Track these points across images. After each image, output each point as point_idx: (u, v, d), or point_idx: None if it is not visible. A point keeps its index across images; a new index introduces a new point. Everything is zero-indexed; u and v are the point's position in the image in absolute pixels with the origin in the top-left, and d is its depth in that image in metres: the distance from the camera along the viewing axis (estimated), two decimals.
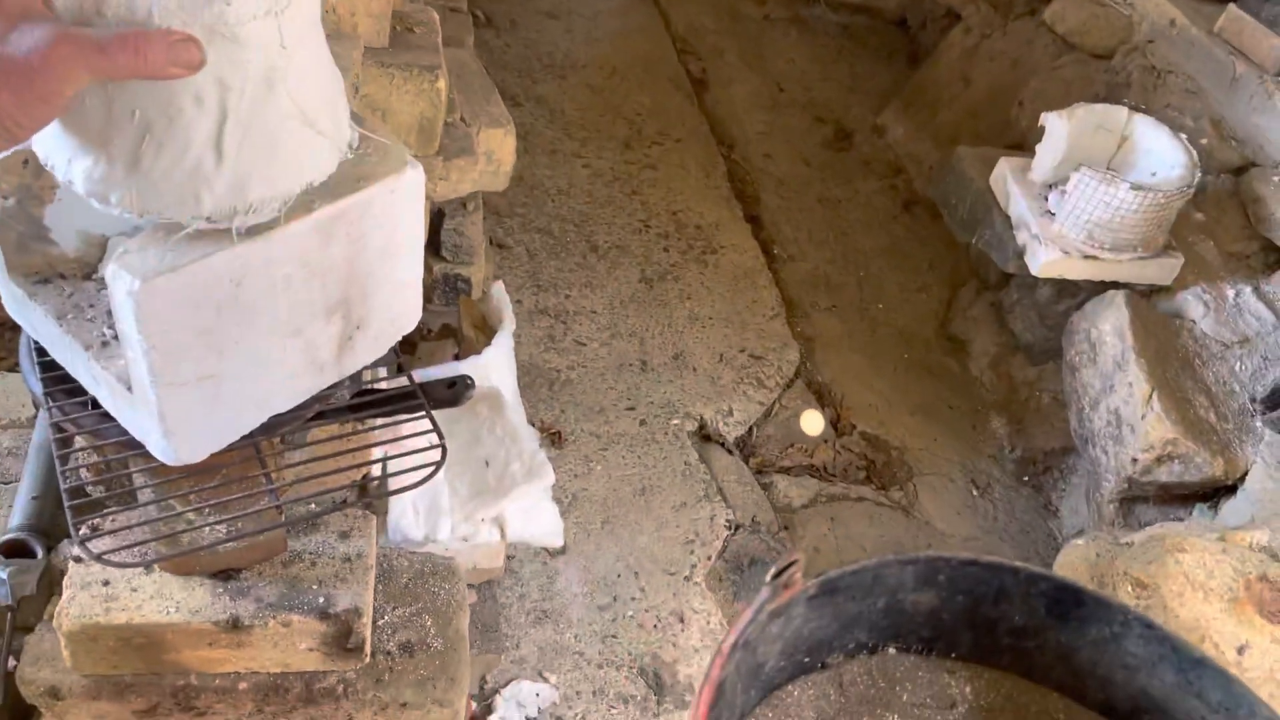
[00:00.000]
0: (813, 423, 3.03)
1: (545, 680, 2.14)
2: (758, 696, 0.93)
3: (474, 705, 2.05)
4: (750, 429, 2.98)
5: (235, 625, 1.41)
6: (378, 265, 1.33)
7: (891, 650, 0.99)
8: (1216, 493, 2.52)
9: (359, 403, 1.41)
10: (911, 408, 3.16)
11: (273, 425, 1.32)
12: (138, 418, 1.17)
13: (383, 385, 1.50)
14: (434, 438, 1.36)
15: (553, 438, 2.69)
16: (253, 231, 1.07)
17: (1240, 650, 1.90)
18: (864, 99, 4.53)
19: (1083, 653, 0.94)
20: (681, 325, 3.20)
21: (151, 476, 1.30)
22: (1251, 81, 2.92)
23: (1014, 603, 0.94)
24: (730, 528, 2.63)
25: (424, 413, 1.39)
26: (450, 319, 2.66)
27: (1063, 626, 0.93)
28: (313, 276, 1.25)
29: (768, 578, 0.82)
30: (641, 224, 3.55)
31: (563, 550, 2.42)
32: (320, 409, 1.41)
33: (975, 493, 2.94)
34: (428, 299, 2.73)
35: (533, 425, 2.67)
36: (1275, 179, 2.78)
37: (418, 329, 2.62)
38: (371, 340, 1.42)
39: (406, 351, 2.49)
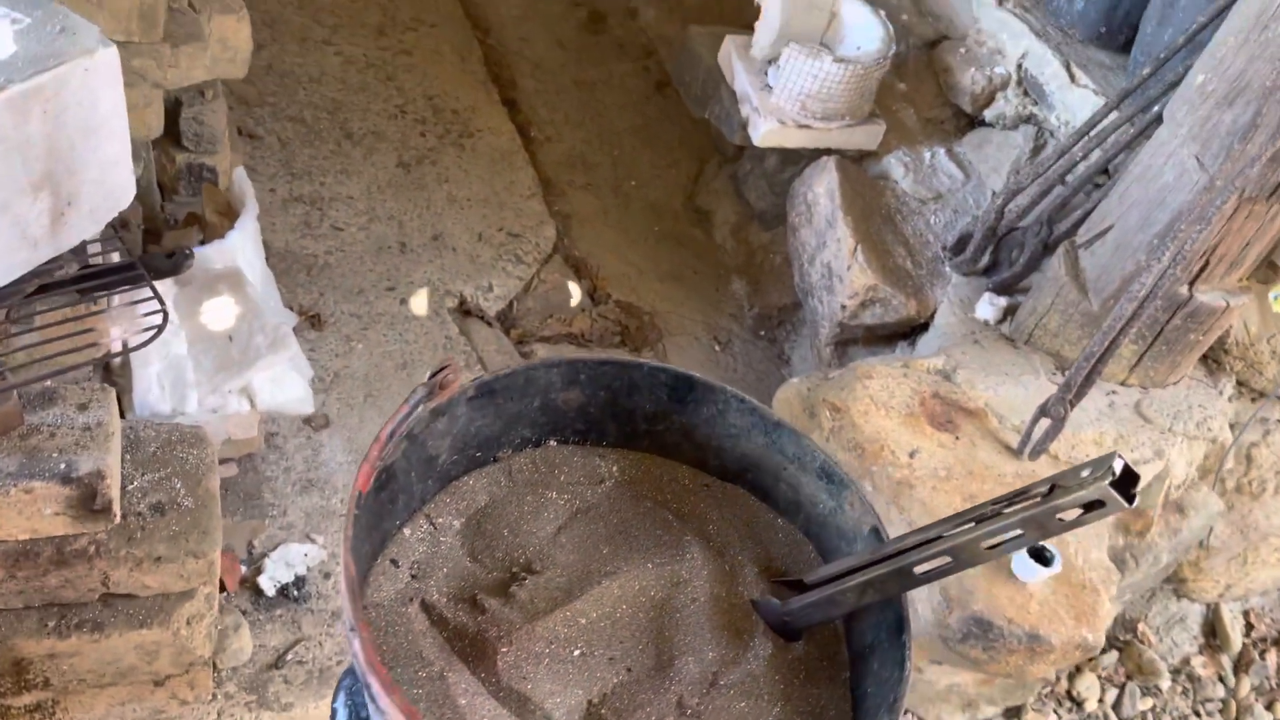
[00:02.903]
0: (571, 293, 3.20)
1: (313, 542, 2.28)
2: (437, 486, 1.12)
3: (243, 569, 2.18)
4: (510, 303, 3.15)
5: None
6: (81, 142, 1.40)
7: (552, 443, 1.19)
8: (914, 331, 2.88)
9: (81, 275, 1.49)
10: (661, 275, 3.40)
11: None
12: None
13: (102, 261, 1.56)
14: (155, 304, 1.45)
15: (311, 320, 2.77)
16: None
17: (912, 454, 2.25)
18: None
19: (700, 429, 1.17)
20: (440, 207, 3.30)
21: None
22: None
23: (643, 393, 1.15)
24: None
25: (145, 283, 1.47)
26: (197, 208, 2.66)
27: (683, 409, 1.15)
28: (12, 152, 1.31)
29: (425, 378, 0.99)
30: (397, 110, 3.59)
31: (326, 424, 2.54)
32: (41, 284, 1.47)
33: (717, 348, 3.23)
34: (173, 190, 2.72)
35: (291, 309, 2.75)
36: (961, 51, 3.10)
37: (164, 219, 2.63)
38: (86, 216, 1.49)
39: (152, 241, 2.50)
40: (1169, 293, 2.35)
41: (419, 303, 2.91)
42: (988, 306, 2.72)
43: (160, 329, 1.42)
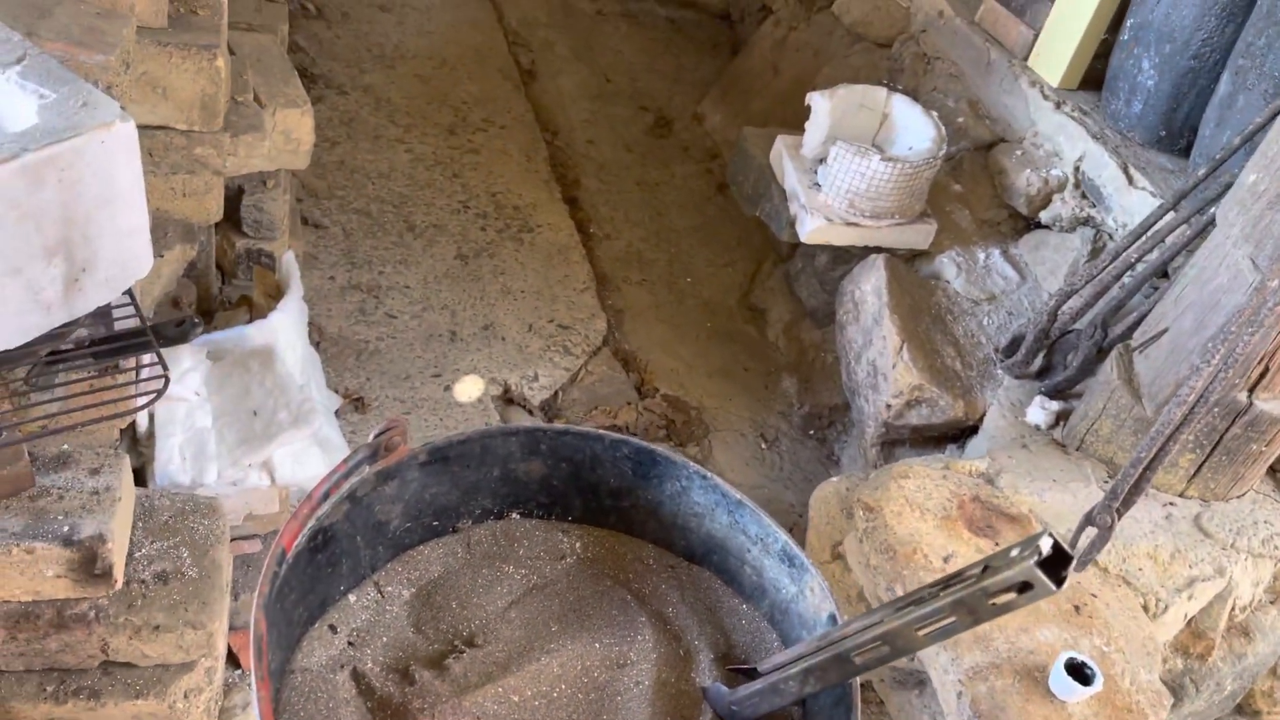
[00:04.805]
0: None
1: None
2: (389, 554, 1.10)
3: None
4: (556, 393, 3.15)
5: None
6: (97, 212, 1.45)
7: (515, 516, 1.16)
8: (963, 434, 2.78)
9: (92, 340, 1.53)
10: (711, 371, 3.38)
11: (1, 361, 1.44)
12: None
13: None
14: (160, 369, 1.48)
15: (356, 404, 2.81)
16: None
17: (946, 559, 2.15)
18: (687, 89, 4.75)
19: (665, 507, 1.13)
20: (494, 298, 3.35)
21: None
22: (1002, 66, 3.22)
23: (606, 466, 1.12)
24: None
25: (151, 349, 1.51)
26: (251, 292, 2.75)
27: (647, 485, 1.12)
28: (25, 218, 1.36)
29: (370, 437, 0.98)
30: (461, 205, 3.70)
31: None
32: (55, 349, 1.52)
33: (764, 446, 3.17)
34: (232, 274, 2.82)
35: (336, 392, 2.80)
36: (1018, 153, 3.07)
37: (218, 300, 2.72)
38: (102, 284, 1.54)
39: (204, 321, 2.58)
40: (1226, 399, 2.23)
41: (462, 389, 2.93)
42: (1039, 411, 2.62)
43: (160, 392, 1.45)
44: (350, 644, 1.01)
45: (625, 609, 1.08)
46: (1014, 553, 0.74)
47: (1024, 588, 0.74)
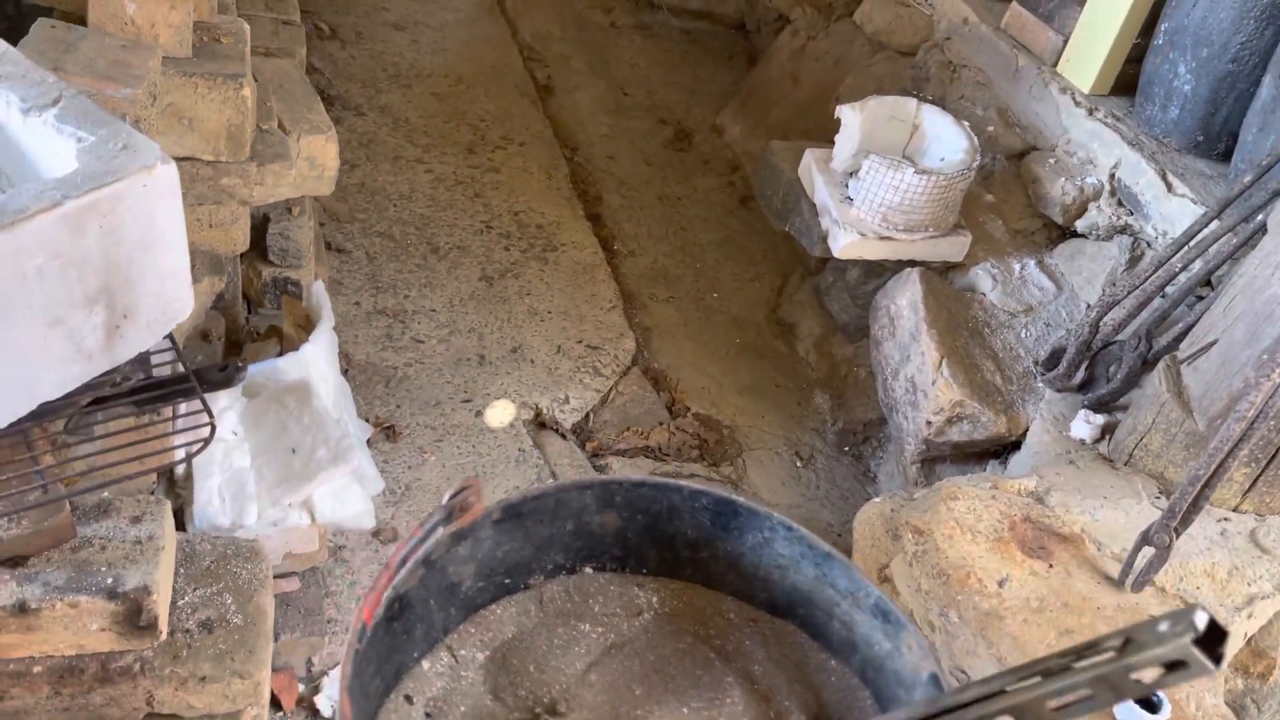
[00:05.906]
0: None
1: None
2: (460, 615, 1.05)
3: (301, 687, 2.12)
4: (587, 415, 3.11)
5: (23, 609, 1.47)
6: (138, 256, 1.41)
7: (588, 570, 1.11)
8: (1005, 449, 2.73)
9: (134, 387, 1.49)
10: (741, 388, 3.33)
11: (43, 412, 1.39)
12: None
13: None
14: (205, 416, 1.44)
15: (386, 432, 2.77)
16: None
17: (1001, 583, 2.10)
18: (705, 100, 4.71)
19: (746, 558, 1.08)
20: (521, 320, 3.31)
21: None
22: (1031, 73, 3.17)
23: (684, 518, 1.07)
24: None
25: (195, 395, 1.46)
26: (279, 321, 2.71)
27: (727, 536, 1.07)
28: (69, 267, 1.32)
29: (443, 500, 0.94)
30: (483, 225, 3.66)
31: (394, 537, 2.51)
32: (96, 396, 1.48)
33: (799, 464, 3.12)
34: (259, 303, 2.78)
35: (367, 421, 2.75)
36: (1050, 161, 3.02)
37: (246, 331, 2.67)
38: (143, 329, 1.50)
39: (232, 353, 2.54)
40: None
41: (494, 415, 2.88)
42: (1083, 425, 2.57)
43: (207, 441, 1.41)
44: (428, 715, 0.96)
45: (709, 668, 1.04)
46: (1163, 628, 0.69)
47: (1175, 665, 0.69)
